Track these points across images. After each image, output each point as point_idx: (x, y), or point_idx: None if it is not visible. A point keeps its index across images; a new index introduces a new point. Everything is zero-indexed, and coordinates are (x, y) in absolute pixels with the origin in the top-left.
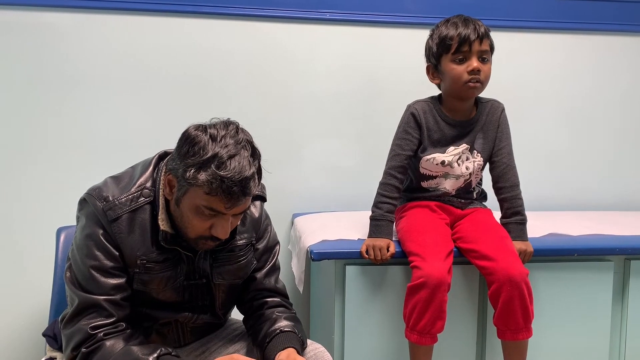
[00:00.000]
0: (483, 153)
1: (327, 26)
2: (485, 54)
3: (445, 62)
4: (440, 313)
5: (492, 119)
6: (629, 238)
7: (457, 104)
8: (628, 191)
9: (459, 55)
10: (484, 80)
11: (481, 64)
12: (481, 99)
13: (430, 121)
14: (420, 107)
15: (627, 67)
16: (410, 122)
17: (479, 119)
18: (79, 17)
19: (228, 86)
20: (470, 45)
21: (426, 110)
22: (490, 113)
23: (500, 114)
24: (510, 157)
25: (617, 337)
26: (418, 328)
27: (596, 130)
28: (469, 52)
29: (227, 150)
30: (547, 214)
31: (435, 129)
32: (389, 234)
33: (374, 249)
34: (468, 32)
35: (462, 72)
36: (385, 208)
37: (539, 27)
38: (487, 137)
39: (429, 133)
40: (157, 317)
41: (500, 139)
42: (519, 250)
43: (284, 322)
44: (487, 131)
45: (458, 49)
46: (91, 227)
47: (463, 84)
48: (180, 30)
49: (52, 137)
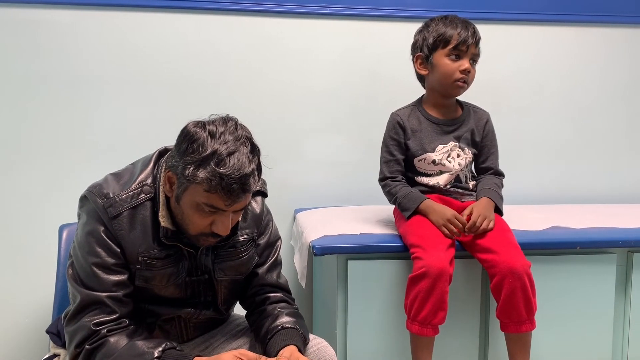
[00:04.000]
0: (471, 150)
1: (327, 20)
2: (476, 57)
3: (439, 55)
4: (442, 304)
5: (479, 124)
6: (631, 230)
7: (440, 100)
8: (631, 184)
9: (455, 52)
10: (470, 82)
11: (471, 66)
12: (466, 103)
13: (414, 123)
14: (402, 112)
15: (631, 59)
16: (395, 127)
17: (466, 120)
18: (78, 15)
19: (228, 82)
20: (467, 46)
21: (409, 114)
22: (477, 118)
23: (486, 122)
24: (497, 164)
25: (620, 330)
26: (419, 319)
27: (599, 123)
28: (465, 53)
29: (227, 147)
30: (550, 207)
31: (419, 129)
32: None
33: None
34: (468, 34)
35: (455, 69)
36: (403, 186)
37: (542, 20)
38: (474, 138)
39: (414, 134)
40: (159, 313)
41: (489, 147)
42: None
43: (285, 318)
44: (474, 133)
45: (456, 47)
46: (92, 224)
47: (453, 81)
48: (179, 27)
49: (53, 134)
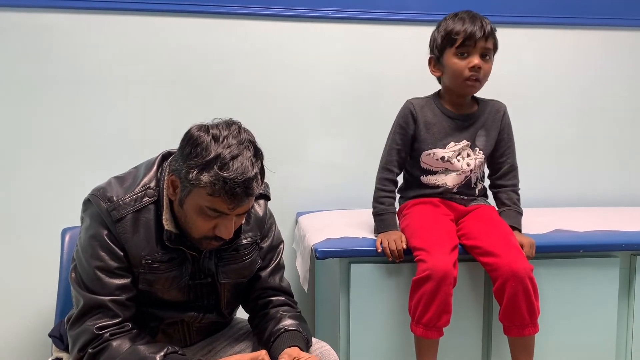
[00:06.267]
0: (484, 150)
1: (329, 24)
2: (487, 52)
3: (448, 55)
4: (446, 306)
5: (494, 117)
6: (635, 234)
7: (456, 99)
8: (634, 186)
9: (462, 49)
10: (483, 78)
11: (482, 62)
12: (482, 98)
13: (428, 115)
14: (417, 102)
15: (634, 61)
16: (406, 116)
17: (481, 116)
18: (82, 18)
19: (231, 85)
20: (475, 41)
21: (423, 105)
22: (493, 112)
23: (503, 114)
24: (515, 158)
25: (624, 333)
26: (423, 321)
27: (602, 126)
28: (473, 48)
29: (230, 150)
30: (553, 210)
31: (434, 121)
32: (396, 226)
33: (388, 242)
34: (474, 28)
35: (464, 67)
36: (387, 202)
37: (545, 23)
38: (489, 135)
39: (427, 127)
40: (162, 317)
41: (506, 140)
42: (520, 242)
43: (288, 321)
44: (489, 129)
45: (463, 44)
46: (95, 228)
47: (463, 80)
48: (183, 31)
49: (56, 138)
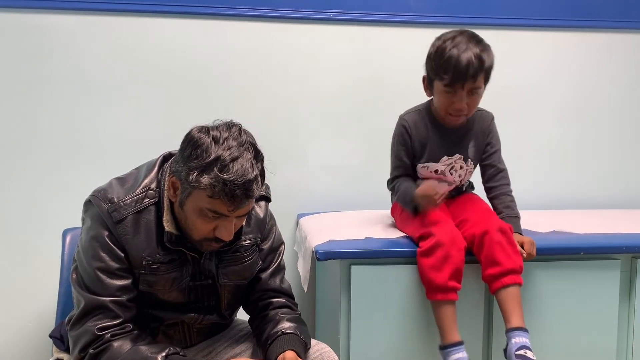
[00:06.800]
0: (475, 160)
1: (331, 26)
2: (476, 89)
3: (437, 85)
4: (458, 276)
5: (482, 127)
6: (635, 236)
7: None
8: (635, 189)
9: (449, 88)
10: (469, 112)
11: (470, 98)
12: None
13: (421, 132)
14: (410, 118)
15: (635, 65)
16: (402, 134)
17: (471, 129)
18: (85, 19)
19: (232, 87)
20: (463, 84)
21: (417, 120)
22: (480, 122)
23: (490, 122)
24: (501, 161)
25: (625, 336)
26: (439, 284)
27: (601, 129)
28: (461, 89)
29: (230, 152)
30: (553, 213)
31: (427, 139)
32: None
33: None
34: (463, 68)
35: (449, 104)
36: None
37: (545, 26)
38: (478, 145)
39: (421, 144)
40: (163, 318)
41: (491, 144)
42: (520, 242)
43: (286, 324)
44: (477, 139)
45: (450, 84)
46: (96, 229)
47: (447, 114)
48: (186, 32)
49: (57, 138)
